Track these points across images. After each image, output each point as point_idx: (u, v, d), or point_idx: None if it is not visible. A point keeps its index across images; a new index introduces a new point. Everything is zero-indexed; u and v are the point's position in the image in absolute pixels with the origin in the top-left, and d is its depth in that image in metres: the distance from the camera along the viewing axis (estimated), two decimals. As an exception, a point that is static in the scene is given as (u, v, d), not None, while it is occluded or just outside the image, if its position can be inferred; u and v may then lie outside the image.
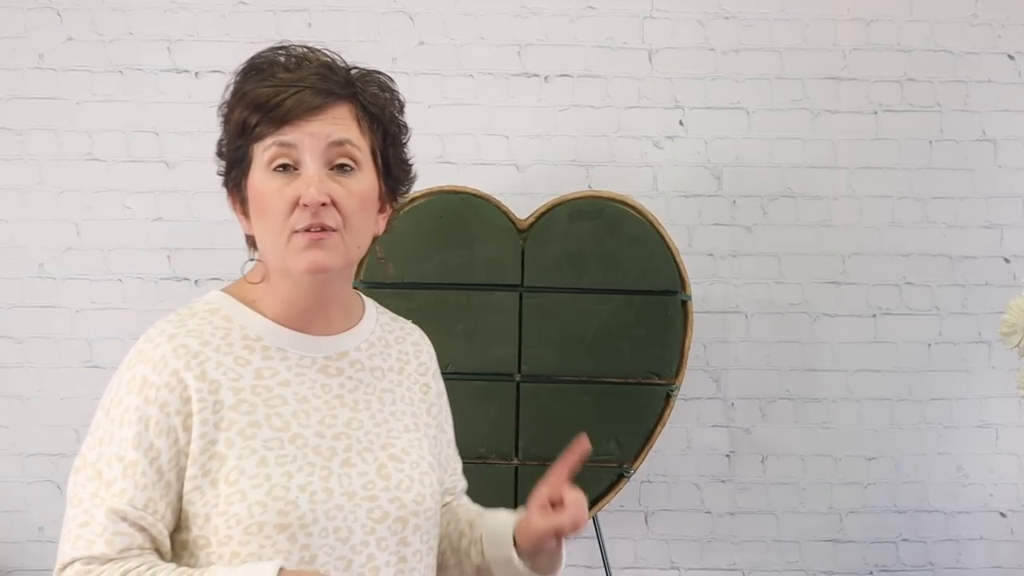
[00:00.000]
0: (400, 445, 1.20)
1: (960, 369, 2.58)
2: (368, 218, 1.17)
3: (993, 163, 2.56)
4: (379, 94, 1.19)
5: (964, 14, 2.53)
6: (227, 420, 1.10)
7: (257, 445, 1.10)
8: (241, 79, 1.15)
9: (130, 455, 1.08)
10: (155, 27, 2.47)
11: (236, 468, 1.09)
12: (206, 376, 1.11)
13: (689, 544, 2.59)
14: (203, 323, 1.16)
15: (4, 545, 2.54)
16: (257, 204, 1.14)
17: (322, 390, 1.17)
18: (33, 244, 2.49)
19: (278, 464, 1.10)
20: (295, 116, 1.10)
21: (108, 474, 1.08)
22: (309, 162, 1.11)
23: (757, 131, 2.54)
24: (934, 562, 2.60)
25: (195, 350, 1.12)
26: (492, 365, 2.18)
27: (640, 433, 2.18)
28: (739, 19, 2.52)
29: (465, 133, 2.51)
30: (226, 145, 1.18)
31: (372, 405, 1.21)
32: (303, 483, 1.10)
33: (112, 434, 1.09)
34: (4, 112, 2.48)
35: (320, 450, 1.13)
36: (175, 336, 1.13)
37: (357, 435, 1.17)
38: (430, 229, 2.17)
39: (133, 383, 1.10)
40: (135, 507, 1.07)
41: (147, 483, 1.08)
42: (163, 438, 1.08)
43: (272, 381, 1.15)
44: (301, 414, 1.14)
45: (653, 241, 2.18)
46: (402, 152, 1.24)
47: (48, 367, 2.50)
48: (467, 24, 2.50)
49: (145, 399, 1.09)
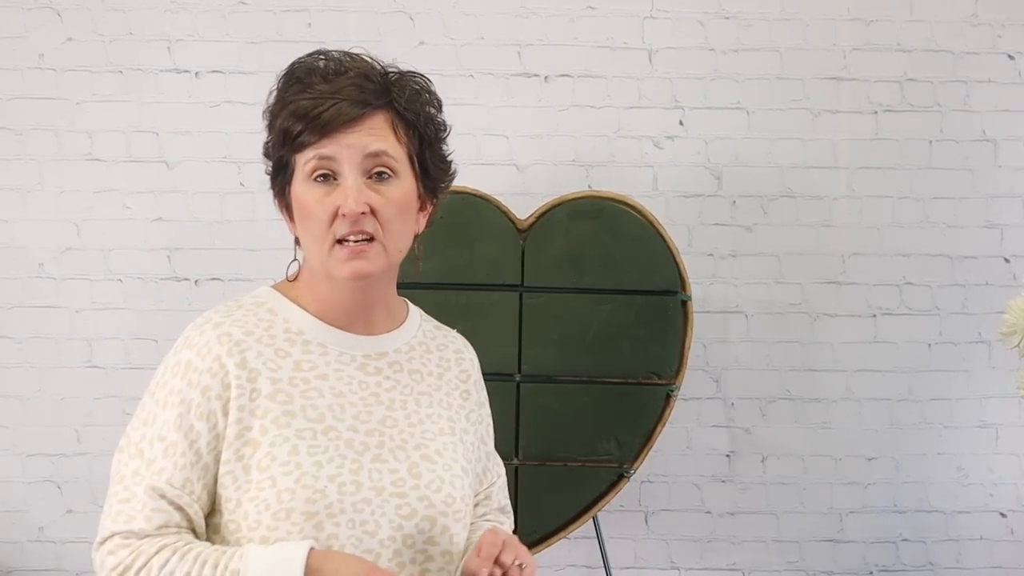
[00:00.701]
0: (434, 446, 1.22)
1: (960, 369, 2.58)
2: (407, 221, 1.23)
3: (993, 163, 2.56)
4: (415, 98, 1.23)
5: (964, 14, 2.53)
6: (263, 408, 1.14)
7: (290, 434, 1.13)
8: (283, 87, 1.20)
9: (171, 436, 1.12)
10: (155, 27, 2.47)
11: (268, 455, 1.12)
12: (246, 364, 1.15)
13: (689, 544, 2.59)
14: (248, 314, 1.20)
15: (4, 545, 2.54)
16: (301, 212, 1.18)
17: (359, 387, 1.20)
18: (33, 244, 2.49)
19: (309, 454, 1.13)
20: (333, 128, 1.15)
21: (149, 453, 1.12)
22: (348, 173, 1.15)
23: (757, 131, 2.54)
24: (934, 562, 2.60)
25: (238, 338, 1.16)
26: (492, 365, 2.15)
27: (640, 433, 2.18)
28: (739, 19, 2.52)
29: (465, 133, 2.50)
30: (271, 150, 1.22)
31: (408, 406, 1.23)
32: (332, 473, 1.13)
33: (155, 415, 1.14)
34: (4, 112, 2.48)
35: (352, 444, 1.16)
36: (220, 324, 1.18)
37: (391, 433, 1.20)
38: (430, 229, 2.16)
39: (178, 367, 1.15)
40: (173, 486, 1.11)
41: (185, 464, 1.12)
42: (203, 421, 1.13)
43: (310, 374, 1.18)
44: (336, 408, 1.18)
45: (653, 241, 2.18)
46: (440, 151, 1.30)
47: (48, 367, 2.50)
48: (467, 24, 2.50)
49: (188, 383, 1.14)
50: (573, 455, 2.18)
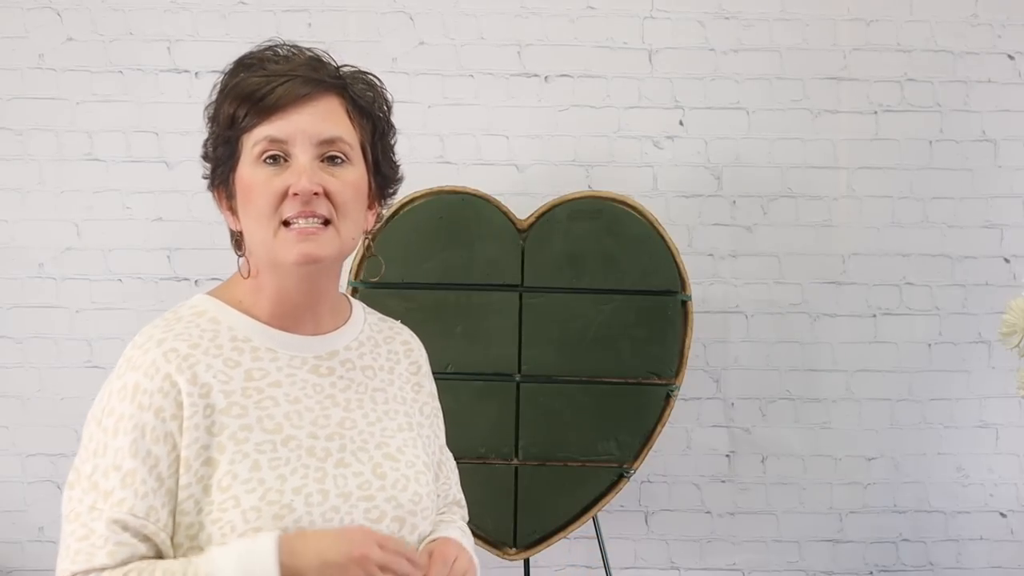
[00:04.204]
0: (395, 444, 1.19)
1: (960, 369, 2.58)
2: (360, 209, 1.17)
3: (993, 163, 2.56)
4: (369, 89, 1.19)
5: (964, 14, 2.53)
6: (219, 424, 1.08)
7: (249, 449, 1.08)
8: (229, 76, 1.16)
9: (127, 464, 1.05)
10: (155, 27, 2.47)
11: (228, 473, 1.07)
12: (197, 379, 1.09)
13: (689, 544, 2.59)
14: (190, 326, 1.13)
15: (4, 545, 2.54)
16: (245, 196, 1.12)
17: (313, 390, 1.16)
18: (33, 244, 2.49)
19: (271, 468, 1.08)
20: (285, 105, 1.10)
21: (105, 485, 1.05)
22: (300, 154, 1.10)
23: (757, 131, 2.54)
24: (934, 562, 2.60)
25: (185, 353, 1.10)
26: (492, 365, 2.18)
27: (640, 433, 2.18)
28: (739, 19, 2.52)
29: (465, 133, 2.51)
30: (213, 143, 1.16)
31: (365, 404, 1.19)
32: (297, 486, 1.08)
33: (106, 444, 1.06)
34: (4, 112, 2.48)
35: (314, 451, 1.12)
36: (164, 340, 1.10)
37: (351, 435, 1.16)
38: (430, 229, 2.17)
39: (125, 391, 1.08)
40: (136, 516, 1.04)
41: (147, 491, 1.05)
42: (161, 444, 1.06)
43: (263, 383, 1.13)
44: (293, 415, 1.13)
45: (653, 241, 2.18)
46: (390, 150, 1.24)
47: (48, 367, 2.50)
48: (467, 24, 2.50)
49: (139, 406, 1.06)
50: (573, 455, 2.18)
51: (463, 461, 2.19)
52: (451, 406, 2.17)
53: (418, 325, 2.21)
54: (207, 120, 1.17)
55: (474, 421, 2.16)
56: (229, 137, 1.13)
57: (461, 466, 2.19)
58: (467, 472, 2.19)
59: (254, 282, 1.16)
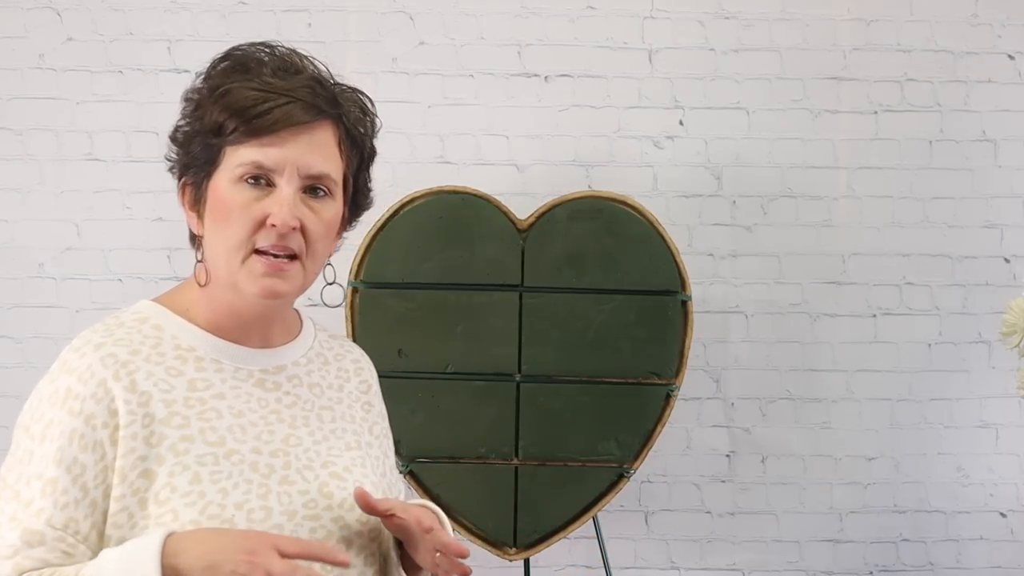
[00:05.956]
0: (342, 463, 1.13)
1: (960, 369, 2.58)
2: (329, 244, 1.14)
3: (993, 163, 2.56)
4: (362, 118, 1.15)
5: (964, 14, 2.53)
6: (158, 435, 1.02)
7: (190, 461, 1.03)
8: (222, 75, 1.10)
9: (50, 472, 0.99)
10: (155, 27, 2.47)
11: (167, 486, 1.01)
12: (136, 387, 1.03)
13: (689, 544, 2.59)
14: (132, 332, 1.08)
15: (4, 545, 2.54)
16: (219, 212, 1.07)
17: (258, 404, 1.11)
18: (33, 244, 2.49)
19: (212, 481, 1.02)
20: (279, 129, 1.05)
21: (27, 494, 0.99)
22: (284, 185, 1.05)
23: (757, 131, 2.54)
24: (934, 562, 2.60)
25: (124, 359, 1.04)
26: (492, 365, 2.18)
27: (640, 433, 2.18)
28: (739, 19, 2.52)
29: (465, 133, 2.51)
30: (189, 135, 1.10)
31: (311, 422, 1.14)
32: (239, 501, 1.03)
33: (32, 451, 1.01)
34: (4, 112, 2.48)
35: (257, 467, 1.06)
36: (102, 345, 1.05)
37: (296, 452, 1.10)
38: (430, 229, 2.17)
39: (56, 396, 1.02)
40: (54, 527, 0.97)
41: (68, 501, 0.98)
42: (88, 453, 1.00)
43: (206, 394, 1.07)
44: (237, 429, 1.07)
45: (653, 241, 2.18)
46: (369, 179, 1.20)
47: (48, 367, 2.49)
48: (467, 24, 2.50)
49: (69, 411, 1.01)
50: (573, 455, 2.18)
51: (463, 461, 2.20)
52: (451, 406, 2.18)
53: (418, 325, 2.22)
54: (185, 102, 1.11)
55: (474, 421, 2.17)
56: (211, 144, 1.08)
57: (461, 466, 2.20)
58: (467, 472, 2.20)
59: (206, 291, 1.12)
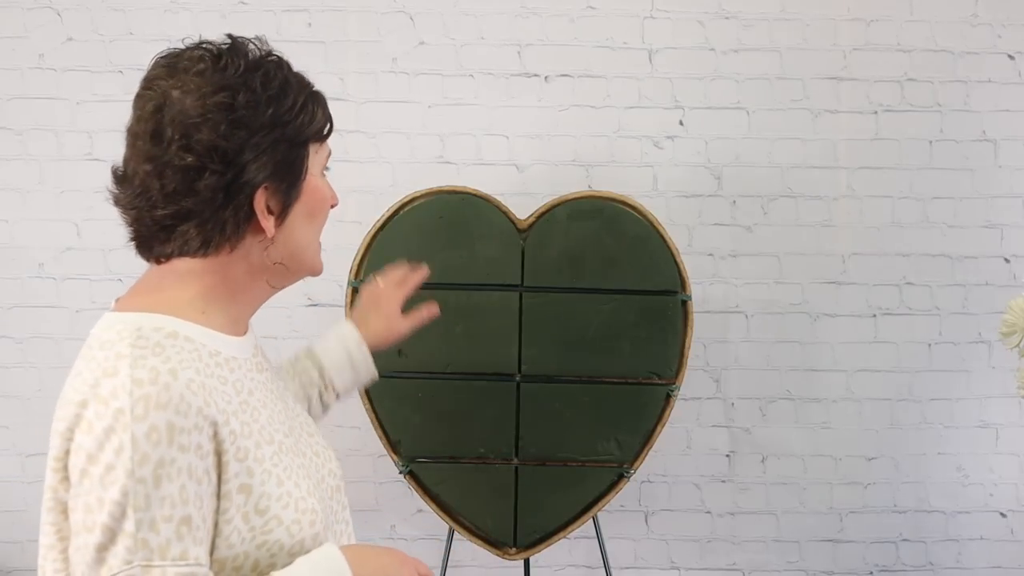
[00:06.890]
0: (312, 424, 1.27)
1: (960, 369, 2.58)
2: None
3: (993, 163, 2.56)
4: None
5: (964, 14, 2.53)
6: (243, 449, 1.04)
7: (268, 466, 1.07)
8: (299, 83, 1.15)
9: (179, 511, 0.97)
10: (155, 27, 2.47)
11: (264, 495, 1.05)
12: (220, 407, 1.03)
13: (689, 544, 2.59)
14: (180, 351, 1.03)
15: (4, 545, 2.54)
16: (318, 207, 1.17)
17: (267, 390, 1.16)
18: (33, 244, 2.50)
19: (288, 478, 1.09)
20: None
21: (156, 540, 0.96)
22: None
23: (757, 131, 2.54)
24: (934, 562, 2.60)
25: (200, 382, 1.02)
26: (492, 365, 2.18)
27: (640, 433, 2.18)
28: (739, 19, 2.52)
29: (465, 133, 2.51)
30: (271, 143, 1.09)
31: (287, 396, 1.25)
32: (306, 487, 1.11)
33: (148, 496, 0.95)
34: (4, 112, 2.48)
35: (296, 450, 1.14)
36: (176, 371, 1.00)
37: (299, 422, 1.21)
38: (430, 229, 2.17)
39: (157, 434, 0.96)
40: (201, 564, 0.98)
41: (202, 537, 0.99)
42: (204, 484, 1.00)
43: (245, 395, 1.10)
44: (271, 420, 1.12)
45: (653, 241, 2.18)
46: None
47: (48, 367, 2.51)
48: (467, 24, 2.50)
49: (180, 448, 0.97)
50: (573, 455, 2.18)
51: (463, 461, 2.20)
52: (451, 406, 2.18)
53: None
54: (281, 117, 1.10)
55: (474, 421, 2.16)
56: (300, 144, 1.12)
57: (461, 466, 2.20)
58: (467, 472, 2.20)
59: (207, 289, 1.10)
